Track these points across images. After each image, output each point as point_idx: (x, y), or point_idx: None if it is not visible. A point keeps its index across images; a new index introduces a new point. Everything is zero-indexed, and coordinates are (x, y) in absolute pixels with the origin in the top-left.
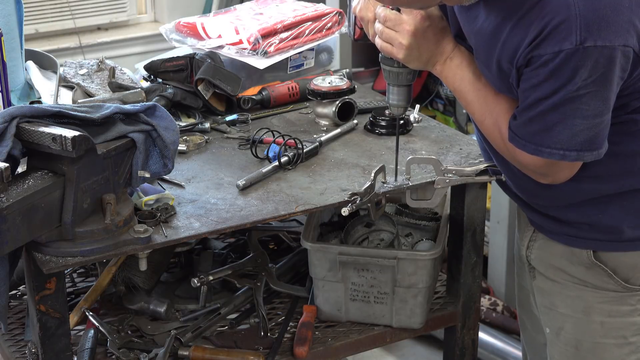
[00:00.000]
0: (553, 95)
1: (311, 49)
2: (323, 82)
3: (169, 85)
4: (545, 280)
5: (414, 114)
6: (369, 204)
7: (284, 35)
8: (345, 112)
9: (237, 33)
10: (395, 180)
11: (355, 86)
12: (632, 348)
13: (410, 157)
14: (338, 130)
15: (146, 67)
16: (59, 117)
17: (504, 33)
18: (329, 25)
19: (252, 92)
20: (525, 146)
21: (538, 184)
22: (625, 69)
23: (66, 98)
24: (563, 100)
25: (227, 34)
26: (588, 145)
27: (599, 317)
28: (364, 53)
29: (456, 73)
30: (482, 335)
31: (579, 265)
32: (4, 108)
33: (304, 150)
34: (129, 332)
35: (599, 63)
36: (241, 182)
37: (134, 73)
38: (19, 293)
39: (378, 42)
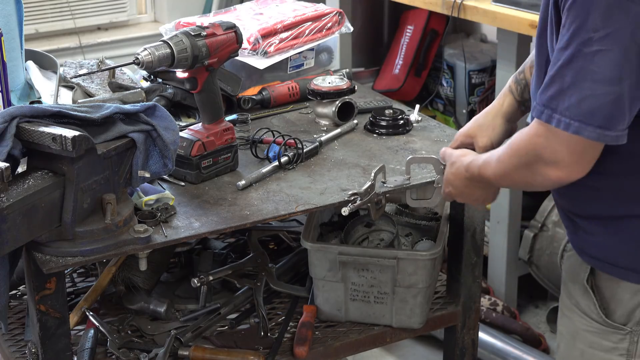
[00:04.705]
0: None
1: (311, 49)
2: (323, 82)
3: (169, 85)
4: (562, 291)
5: (414, 114)
6: (369, 204)
7: (284, 35)
8: (345, 112)
9: None
10: None
11: (355, 86)
12: None
13: (410, 157)
14: (338, 130)
15: None
16: (59, 117)
17: None
18: (329, 25)
19: (252, 92)
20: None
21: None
22: None
23: (66, 98)
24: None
25: None
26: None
27: (581, 345)
28: (364, 53)
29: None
30: (482, 335)
31: (576, 284)
32: (4, 108)
33: (304, 150)
34: (129, 332)
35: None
36: (241, 182)
37: (134, 73)
38: (19, 293)
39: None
